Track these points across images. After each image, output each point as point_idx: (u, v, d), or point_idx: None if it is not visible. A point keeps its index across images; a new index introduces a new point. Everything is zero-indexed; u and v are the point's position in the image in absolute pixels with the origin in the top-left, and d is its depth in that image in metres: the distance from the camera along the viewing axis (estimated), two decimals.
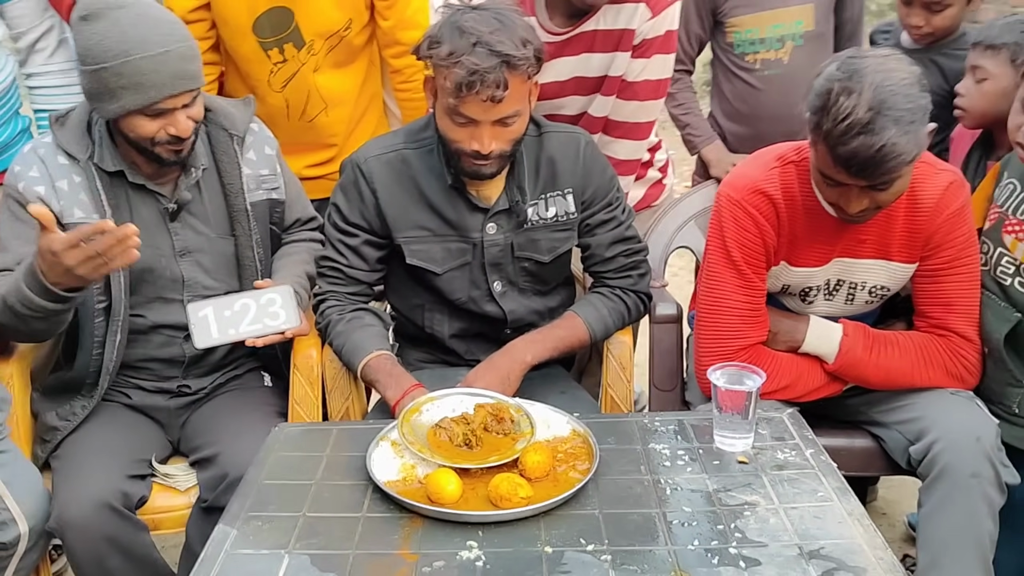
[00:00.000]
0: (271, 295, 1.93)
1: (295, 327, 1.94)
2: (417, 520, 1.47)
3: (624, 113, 2.34)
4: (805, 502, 1.48)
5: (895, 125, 1.61)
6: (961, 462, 1.76)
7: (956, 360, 1.90)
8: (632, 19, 2.23)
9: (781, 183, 1.88)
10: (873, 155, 1.62)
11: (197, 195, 2.01)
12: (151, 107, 1.81)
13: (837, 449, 1.81)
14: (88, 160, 1.92)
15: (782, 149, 1.93)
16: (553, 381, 2.08)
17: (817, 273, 1.94)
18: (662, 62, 2.30)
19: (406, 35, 2.32)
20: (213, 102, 2.04)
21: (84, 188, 1.92)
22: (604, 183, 2.02)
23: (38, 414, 2.03)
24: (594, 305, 2.04)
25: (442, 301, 2.04)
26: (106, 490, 1.82)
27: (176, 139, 1.86)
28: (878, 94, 1.62)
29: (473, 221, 1.96)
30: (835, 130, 1.63)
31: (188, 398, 2.09)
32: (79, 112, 1.97)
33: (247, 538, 1.43)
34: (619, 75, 2.29)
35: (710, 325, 1.93)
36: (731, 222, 1.89)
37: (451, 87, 1.74)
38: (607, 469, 1.58)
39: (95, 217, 1.91)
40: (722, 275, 1.91)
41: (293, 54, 2.33)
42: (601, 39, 2.26)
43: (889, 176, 1.67)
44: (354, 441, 1.68)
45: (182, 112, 1.84)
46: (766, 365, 1.86)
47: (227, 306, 1.91)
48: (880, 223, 1.87)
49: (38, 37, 2.29)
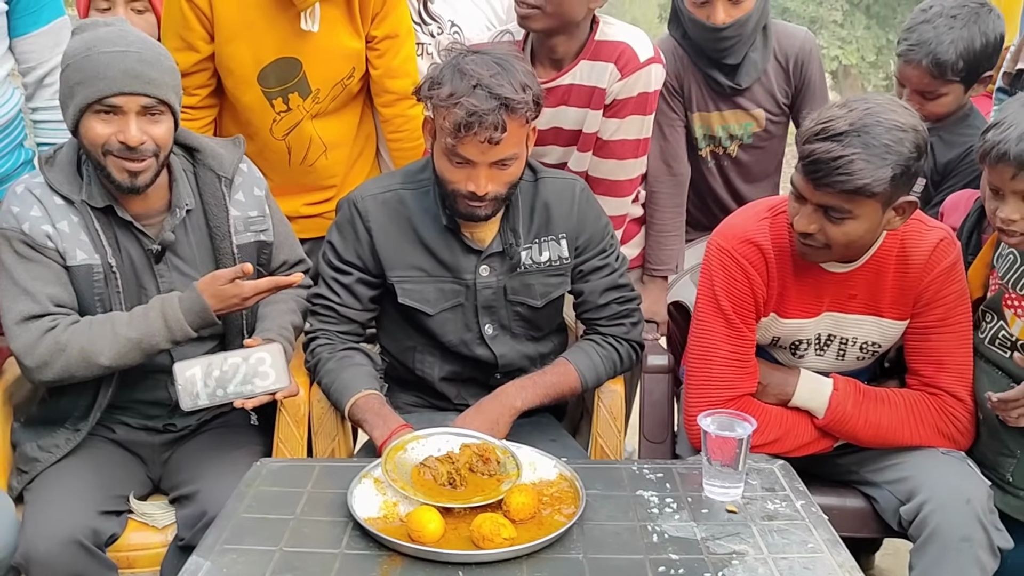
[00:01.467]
0: (261, 354, 1.87)
1: (286, 388, 1.89)
2: (397, 558, 1.43)
3: (603, 170, 2.38)
4: (795, 553, 1.46)
5: (864, 148, 1.64)
6: (951, 525, 1.73)
7: (947, 419, 1.88)
8: (602, 78, 2.28)
9: (771, 234, 1.89)
10: (827, 161, 1.65)
11: (183, 236, 1.99)
12: (102, 102, 1.80)
13: (829, 508, 1.75)
14: (82, 202, 1.90)
15: (774, 201, 1.95)
16: (543, 429, 2.05)
17: (808, 326, 1.93)
18: (639, 123, 2.34)
19: (394, 84, 2.35)
20: (201, 142, 2.03)
21: (83, 228, 1.91)
22: (598, 230, 2.03)
23: (17, 444, 2.00)
24: (586, 352, 2.03)
25: (433, 343, 2.03)
26: (75, 526, 1.78)
27: (126, 148, 1.83)
28: (865, 119, 1.66)
29: (467, 263, 1.96)
30: (811, 129, 1.68)
31: (173, 435, 2.06)
32: (67, 151, 1.95)
33: (220, 570, 1.40)
34: (593, 132, 2.35)
35: (698, 375, 1.91)
36: (720, 271, 1.89)
37: (450, 127, 1.76)
38: (593, 514, 1.55)
39: (96, 258, 1.90)
40: (711, 325, 1.90)
41: (298, 103, 2.35)
42: (576, 94, 2.32)
43: (832, 190, 1.67)
44: (336, 478, 1.65)
45: (135, 119, 1.83)
46: (754, 417, 1.84)
47: (216, 366, 1.84)
48: (870, 278, 1.88)
49: (46, 72, 2.31)
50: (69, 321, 1.88)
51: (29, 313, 1.85)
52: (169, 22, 2.29)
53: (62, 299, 1.89)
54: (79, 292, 1.91)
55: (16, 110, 2.32)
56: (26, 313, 1.85)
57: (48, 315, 1.87)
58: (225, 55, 2.30)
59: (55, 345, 1.84)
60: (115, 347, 1.85)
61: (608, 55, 2.28)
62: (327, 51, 2.30)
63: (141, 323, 1.87)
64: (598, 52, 2.29)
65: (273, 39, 2.26)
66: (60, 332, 1.85)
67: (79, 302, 1.92)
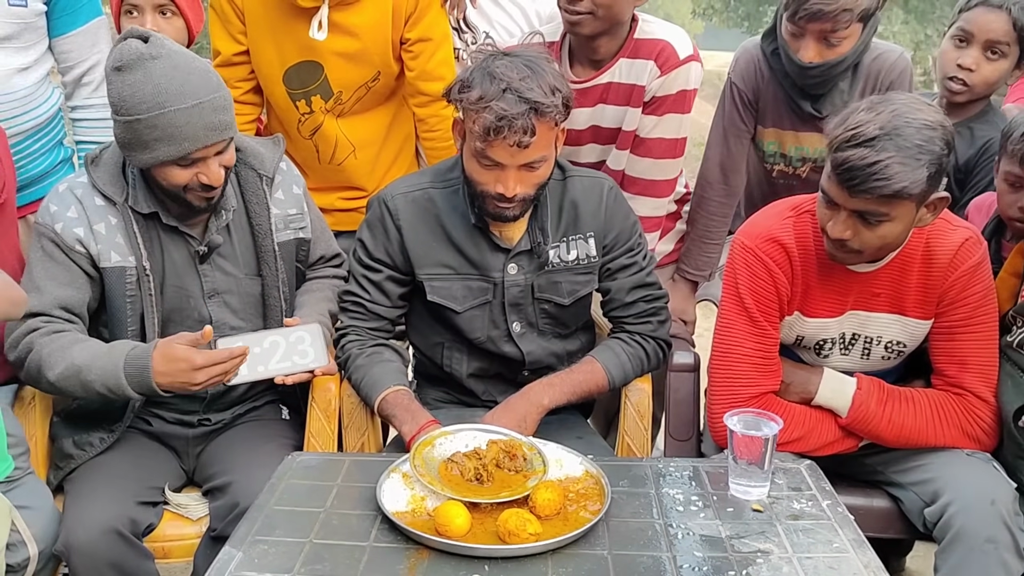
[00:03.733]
0: (300, 333, 1.94)
1: (324, 366, 1.95)
2: (424, 552, 1.45)
3: (639, 169, 2.38)
4: (820, 552, 1.46)
5: (897, 151, 1.63)
6: (976, 526, 1.72)
7: (972, 420, 1.87)
8: (642, 76, 2.29)
9: (795, 232, 1.88)
10: (863, 167, 1.63)
11: (226, 236, 2.02)
12: (185, 158, 1.82)
13: (855, 508, 1.75)
14: (124, 203, 1.92)
15: (798, 200, 1.94)
16: (571, 427, 2.07)
17: (831, 324, 1.93)
18: (677, 122, 2.34)
19: (429, 86, 2.37)
20: (243, 142, 2.05)
21: (120, 231, 1.93)
22: (626, 228, 2.04)
23: (55, 439, 2.04)
24: (613, 351, 2.04)
25: (461, 340, 2.05)
26: (114, 515, 1.82)
27: (207, 187, 1.87)
28: (894, 120, 1.65)
29: (495, 261, 1.98)
30: (842, 136, 1.67)
31: (207, 428, 2.09)
32: (112, 153, 1.97)
33: (252, 561, 1.43)
34: (632, 130, 2.35)
35: (722, 373, 1.91)
36: (744, 269, 1.89)
37: (479, 131, 1.78)
38: (618, 511, 1.56)
39: (131, 260, 1.92)
40: (735, 322, 1.90)
41: (320, 105, 2.38)
42: (614, 92, 2.32)
43: (870, 196, 1.66)
44: (366, 472, 1.68)
45: (214, 160, 1.85)
46: (778, 415, 1.84)
47: (257, 343, 1.90)
48: (894, 277, 1.87)
49: (85, 71, 2.36)
50: (55, 328, 1.88)
51: (31, 308, 1.86)
52: (214, 12, 2.35)
53: (71, 303, 1.91)
54: (110, 293, 1.94)
55: (56, 109, 2.37)
56: (28, 308, 1.86)
57: (47, 316, 1.89)
58: (255, 52, 2.35)
59: (29, 345, 1.87)
60: (63, 366, 1.84)
61: (648, 53, 2.28)
62: (350, 56, 2.32)
63: (94, 355, 1.84)
64: (637, 50, 2.29)
65: (294, 42, 2.30)
66: (39, 336, 1.87)
67: (110, 304, 1.94)
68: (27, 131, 2.28)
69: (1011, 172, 1.94)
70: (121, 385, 1.82)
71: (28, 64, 2.25)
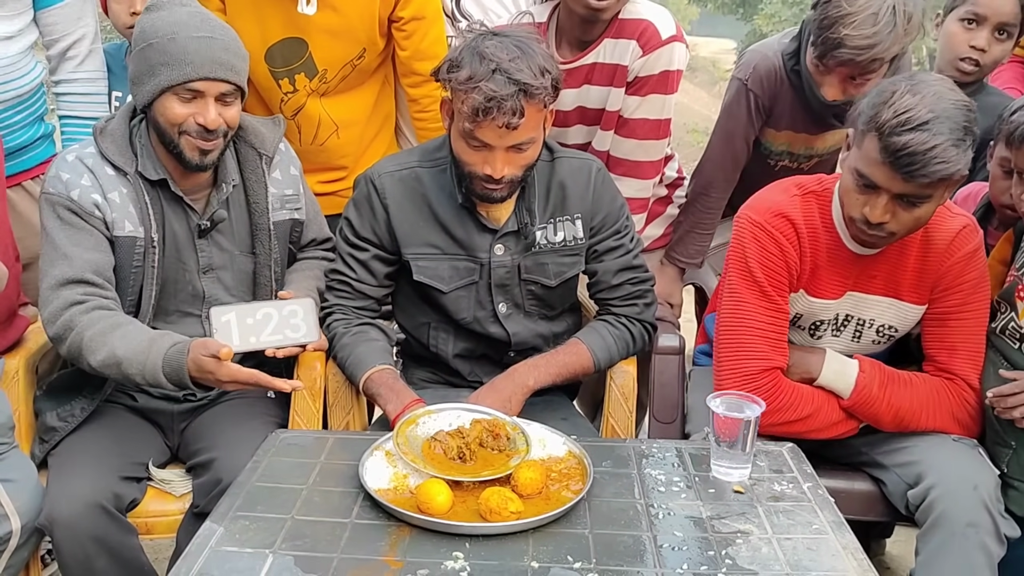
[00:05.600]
0: (293, 307, 1.95)
1: (315, 341, 1.96)
2: (405, 529, 1.46)
3: (623, 150, 2.38)
4: (799, 533, 1.46)
5: (950, 133, 1.63)
6: (958, 510, 1.73)
7: (961, 405, 1.88)
8: (625, 55, 2.29)
9: (802, 210, 1.88)
10: (924, 152, 1.63)
11: (225, 212, 2.03)
12: (185, 85, 1.84)
13: (837, 491, 1.78)
14: (136, 173, 1.94)
15: (800, 179, 1.94)
16: (556, 408, 2.07)
17: (831, 306, 1.93)
18: (660, 102, 2.33)
19: (422, 66, 2.34)
20: (245, 120, 2.06)
21: (132, 200, 1.94)
22: (614, 210, 2.03)
23: (39, 413, 2.04)
24: (599, 333, 2.04)
25: (447, 320, 2.05)
26: (98, 490, 1.82)
27: (203, 130, 1.87)
28: (939, 102, 1.65)
29: (481, 241, 1.97)
30: (893, 120, 1.65)
31: (191, 404, 2.09)
32: (119, 124, 1.98)
33: (233, 536, 1.43)
34: (615, 110, 2.35)
35: (732, 346, 1.89)
36: (753, 243, 1.88)
37: (468, 111, 1.77)
38: (600, 491, 1.57)
39: (141, 230, 1.93)
40: (745, 297, 1.88)
41: (304, 84, 2.36)
42: (598, 72, 2.32)
43: (927, 180, 1.65)
44: (349, 450, 1.68)
45: (214, 103, 1.88)
46: (786, 394, 1.85)
47: (249, 314, 1.92)
48: (892, 260, 1.87)
49: (70, 44, 2.34)
50: (95, 304, 1.87)
51: (64, 277, 1.87)
52: None
53: (101, 266, 1.91)
54: (119, 263, 1.95)
55: (37, 83, 2.35)
56: (61, 278, 1.87)
57: (83, 282, 1.88)
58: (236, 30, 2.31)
59: (70, 323, 1.86)
60: (104, 354, 1.84)
61: (630, 32, 2.28)
62: (335, 32, 2.29)
63: (135, 349, 1.83)
64: (621, 30, 2.29)
65: (279, 18, 2.27)
66: (80, 314, 1.86)
67: (117, 273, 1.95)
68: (7, 101, 2.26)
69: (1006, 157, 1.94)
70: (160, 382, 1.84)
71: (12, 34, 2.22)
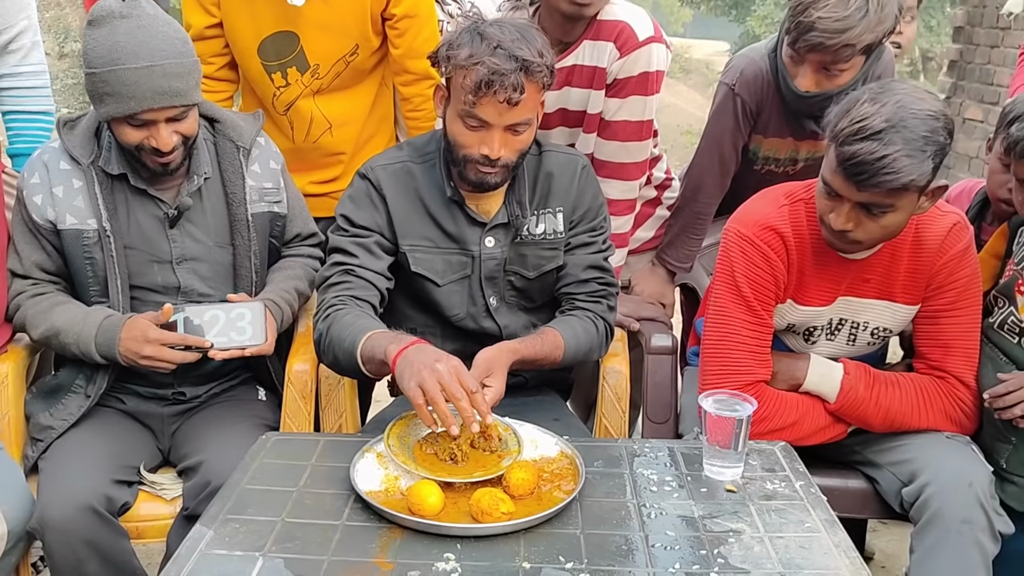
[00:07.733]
0: (241, 310, 1.97)
1: (258, 346, 1.97)
2: (396, 531, 1.45)
3: (606, 152, 2.37)
4: (791, 532, 1.46)
5: (904, 144, 1.62)
6: (952, 507, 1.73)
7: (954, 404, 1.88)
8: (603, 58, 2.28)
9: (791, 219, 1.87)
10: (872, 162, 1.62)
11: (198, 203, 2.03)
12: (133, 117, 1.85)
13: (830, 489, 1.78)
14: (91, 164, 1.96)
15: (791, 187, 1.93)
16: (548, 408, 2.06)
17: (823, 312, 1.93)
18: (641, 104, 2.32)
19: (415, 64, 2.34)
20: (222, 114, 2.08)
21: (82, 192, 1.96)
22: (594, 207, 2.02)
23: (31, 415, 2.04)
24: (569, 324, 1.97)
25: (436, 321, 2.02)
26: (89, 493, 1.82)
27: (158, 152, 1.89)
28: (899, 112, 1.63)
29: (472, 234, 1.96)
30: (848, 129, 1.65)
31: (182, 406, 2.09)
32: (89, 118, 2.01)
33: (222, 539, 1.42)
34: (597, 112, 2.34)
35: (717, 360, 1.89)
36: (740, 257, 1.88)
37: (470, 86, 1.76)
38: (592, 491, 1.56)
39: (90, 222, 1.96)
40: (730, 310, 1.88)
41: (296, 78, 2.36)
42: (579, 74, 2.31)
43: (879, 189, 1.65)
44: (340, 452, 1.67)
45: (166, 126, 1.87)
46: (770, 403, 1.85)
47: (198, 315, 1.95)
48: (884, 263, 1.87)
49: (12, 37, 2.28)
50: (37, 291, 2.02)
51: (16, 271, 2.03)
52: None
53: (46, 265, 2.02)
54: (68, 256, 2.00)
55: None
56: (13, 270, 2.03)
57: (29, 278, 2.02)
58: (229, 24, 2.32)
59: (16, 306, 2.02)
60: (44, 327, 1.98)
61: (608, 34, 2.27)
62: (326, 26, 2.29)
63: (71, 319, 1.96)
64: (599, 31, 2.28)
65: (271, 12, 2.27)
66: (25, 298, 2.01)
67: (68, 266, 2.01)
68: None
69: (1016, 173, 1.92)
70: (90, 351, 1.93)
71: None
